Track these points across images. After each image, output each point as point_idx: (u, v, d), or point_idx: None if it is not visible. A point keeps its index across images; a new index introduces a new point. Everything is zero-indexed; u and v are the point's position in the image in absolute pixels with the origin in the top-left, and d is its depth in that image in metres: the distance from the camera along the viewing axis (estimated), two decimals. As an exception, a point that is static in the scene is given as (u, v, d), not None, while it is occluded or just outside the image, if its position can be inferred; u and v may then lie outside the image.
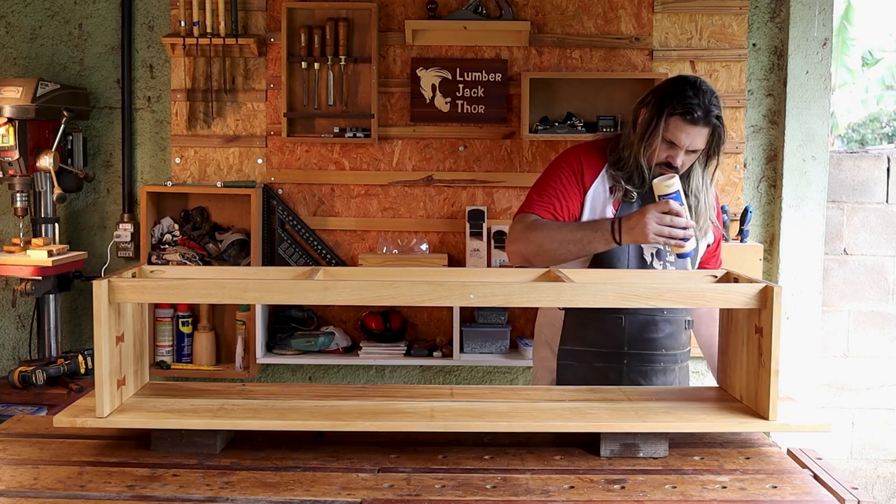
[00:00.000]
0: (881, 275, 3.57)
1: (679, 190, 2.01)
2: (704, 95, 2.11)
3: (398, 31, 3.39)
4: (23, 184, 3.17)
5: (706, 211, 2.21)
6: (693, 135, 2.11)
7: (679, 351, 2.27)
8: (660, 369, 2.23)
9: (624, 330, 2.20)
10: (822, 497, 1.47)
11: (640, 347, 2.21)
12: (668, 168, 2.16)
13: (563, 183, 2.22)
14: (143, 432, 1.65)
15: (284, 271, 1.96)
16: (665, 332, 2.22)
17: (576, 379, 2.23)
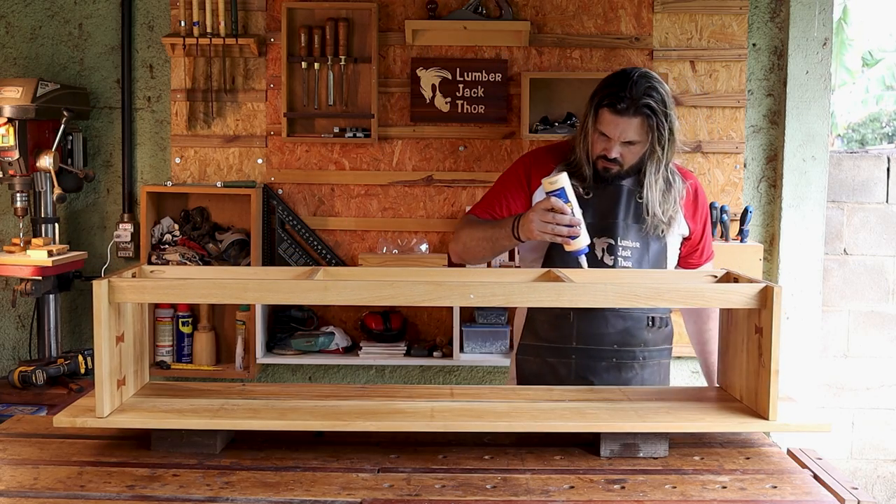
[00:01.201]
0: (881, 275, 3.57)
1: (564, 187, 2.00)
2: (636, 86, 2.10)
3: (398, 31, 3.39)
4: (23, 184, 3.17)
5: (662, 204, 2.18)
6: (622, 126, 2.11)
7: (638, 348, 2.20)
8: (612, 366, 2.18)
9: (572, 325, 2.19)
10: (822, 497, 1.47)
11: (587, 343, 2.18)
12: (606, 161, 2.15)
13: (506, 186, 2.28)
14: (143, 432, 1.65)
15: (284, 271, 1.96)
16: (616, 329, 2.18)
17: (530, 374, 2.25)
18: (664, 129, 2.12)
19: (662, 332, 2.24)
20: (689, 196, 2.28)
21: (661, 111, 2.10)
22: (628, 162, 2.16)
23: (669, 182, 2.21)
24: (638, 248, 2.18)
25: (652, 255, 2.19)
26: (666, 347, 2.27)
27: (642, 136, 2.12)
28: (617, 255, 2.17)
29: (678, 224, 2.24)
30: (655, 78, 2.15)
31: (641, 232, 2.19)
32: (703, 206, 2.31)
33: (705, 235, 2.33)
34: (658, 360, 2.25)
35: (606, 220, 2.18)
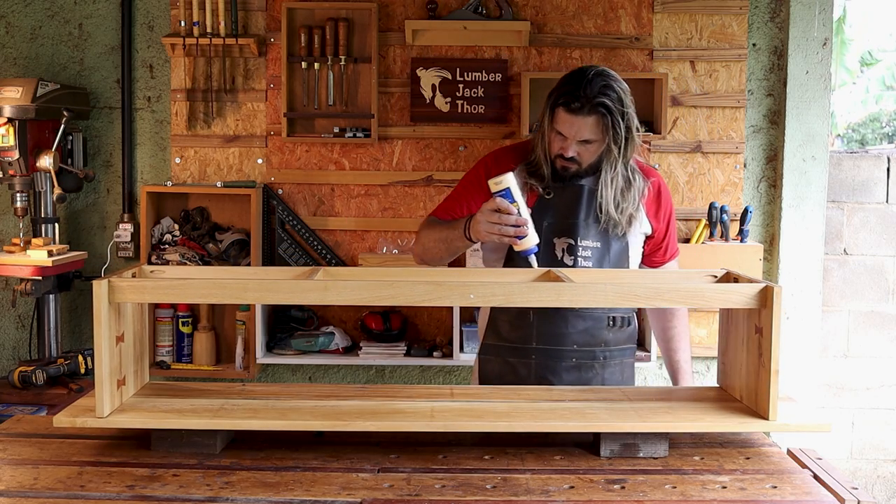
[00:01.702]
0: (881, 275, 3.57)
1: (510, 187, 1.99)
2: (590, 85, 2.09)
3: (398, 31, 3.39)
4: (23, 184, 3.17)
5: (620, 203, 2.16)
6: (577, 125, 2.10)
7: (599, 348, 2.18)
8: (572, 366, 2.17)
9: (532, 325, 2.18)
10: (822, 497, 1.47)
11: (547, 343, 2.18)
12: (564, 160, 2.14)
13: (466, 187, 2.29)
14: (143, 432, 1.65)
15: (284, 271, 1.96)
16: (576, 329, 2.16)
17: (492, 374, 2.25)
18: (620, 127, 2.10)
19: (625, 332, 2.22)
20: (652, 194, 2.25)
21: (618, 110, 2.09)
22: (586, 161, 2.15)
23: (629, 180, 2.18)
24: (598, 248, 2.16)
25: (613, 255, 2.17)
26: (629, 347, 2.25)
27: (598, 135, 2.11)
28: (577, 255, 2.15)
29: (639, 222, 2.21)
30: (612, 76, 2.13)
31: (602, 231, 2.17)
32: (667, 204, 2.28)
33: (669, 233, 2.30)
34: (620, 360, 2.23)
35: (567, 220, 2.16)
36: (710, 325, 3.40)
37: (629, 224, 2.19)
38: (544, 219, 2.16)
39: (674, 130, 3.42)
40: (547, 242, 2.16)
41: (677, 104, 3.41)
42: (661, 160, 3.42)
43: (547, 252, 2.15)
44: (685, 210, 3.43)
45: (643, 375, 3.50)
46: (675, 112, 3.41)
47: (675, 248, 2.34)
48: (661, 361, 3.47)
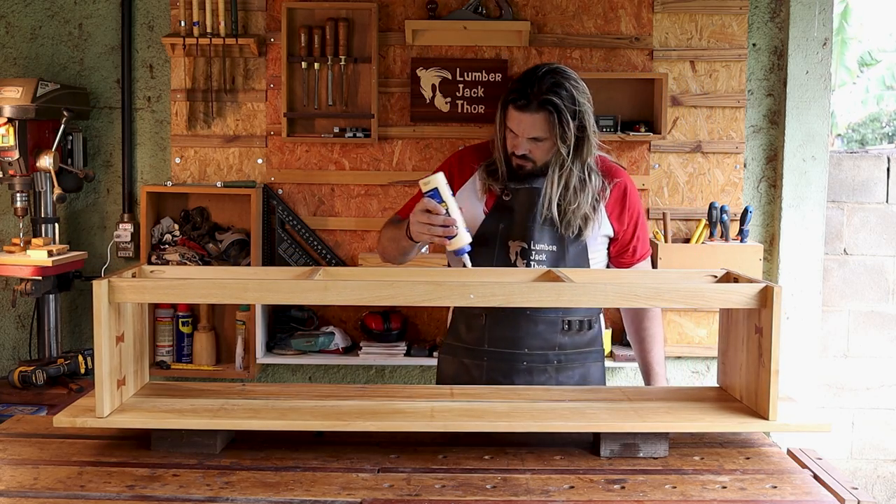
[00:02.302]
0: (881, 275, 3.57)
1: (437, 187, 2.00)
2: (540, 82, 2.08)
3: (398, 31, 3.39)
4: (23, 184, 3.17)
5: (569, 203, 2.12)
6: (526, 122, 2.09)
7: (552, 352, 2.15)
8: (522, 369, 2.15)
9: (484, 327, 2.18)
10: (822, 497, 1.47)
11: (497, 346, 2.17)
12: (517, 158, 2.14)
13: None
14: (143, 432, 1.65)
15: (284, 271, 1.96)
16: (527, 332, 2.14)
17: (448, 374, 2.26)
18: (569, 126, 2.07)
19: (586, 335, 2.19)
20: (615, 196, 2.19)
21: (568, 108, 2.06)
22: (539, 158, 2.13)
23: (584, 180, 2.14)
24: (554, 252, 2.13)
25: (570, 258, 2.13)
26: (591, 350, 2.21)
27: (547, 133, 2.09)
28: (530, 258, 2.13)
29: (598, 224, 2.16)
30: (565, 74, 2.12)
31: (557, 234, 2.13)
32: (633, 206, 2.22)
33: (637, 235, 2.23)
34: (582, 363, 2.19)
35: (521, 223, 2.14)
36: (710, 325, 3.40)
37: (585, 225, 2.14)
38: (500, 221, 2.16)
39: (674, 130, 3.42)
40: (502, 245, 2.15)
41: (677, 104, 3.41)
42: (661, 160, 3.42)
43: (502, 255, 2.15)
44: (685, 210, 3.43)
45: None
46: (675, 112, 3.41)
47: (645, 249, 2.27)
48: (661, 361, 3.47)
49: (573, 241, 2.14)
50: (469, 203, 2.20)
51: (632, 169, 3.41)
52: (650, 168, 3.42)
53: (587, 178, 2.14)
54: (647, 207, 3.43)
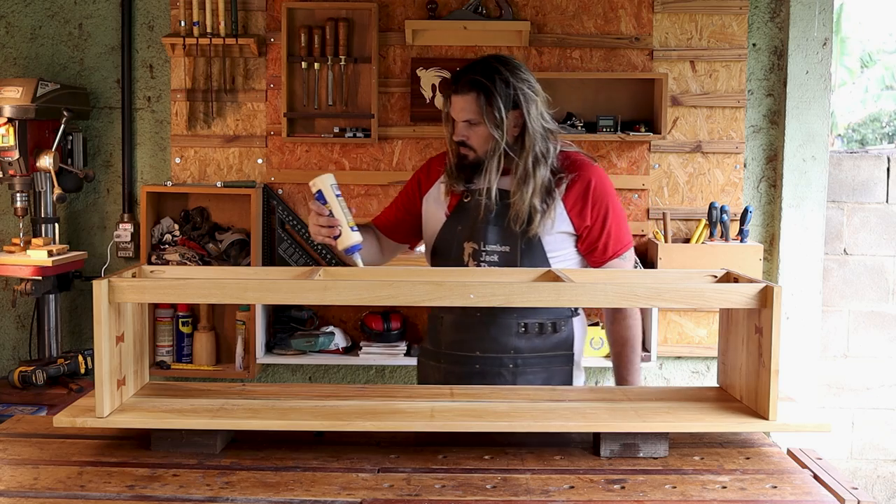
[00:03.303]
0: (881, 275, 3.57)
1: (322, 189, 2.02)
2: (474, 66, 2.10)
3: (398, 31, 3.39)
4: (23, 184, 3.17)
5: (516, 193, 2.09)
6: (458, 104, 2.10)
7: (507, 355, 2.12)
8: (475, 372, 2.12)
9: (441, 330, 2.19)
10: (822, 497, 1.47)
11: (452, 348, 2.17)
12: (460, 147, 2.13)
13: (405, 190, 2.32)
14: (143, 432, 1.65)
15: (284, 271, 1.96)
16: (479, 335, 2.12)
17: (421, 376, 2.29)
18: (499, 108, 2.05)
19: (549, 339, 2.14)
20: (576, 191, 2.13)
21: (501, 91, 2.05)
22: (478, 146, 2.11)
23: (528, 172, 2.08)
24: (507, 252, 2.11)
25: (524, 258, 2.10)
26: (556, 354, 2.15)
27: (478, 115, 2.08)
28: (481, 259, 2.12)
29: (552, 220, 2.11)
30: (505, 61, 2.12)
31: (510, 235, 2.10)
32: (600, 201, 2.13)
33: (607, 231, 2.15)
34: (545, 368, 2.14)
35: (475, 224, 2.13)
36: (710, 325, 3.40)
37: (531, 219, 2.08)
38: (459, 223, 2.16)
39: (674, 130, 3.42)
40: (458, 247, 2.15)
41: (677, 104, 3.41)
42: (661, 160, 3.42)
43: (457, 257, 2.15)
44: (685, 210, 3.43)
45: (643, 375, 3.49)
46: (675, 112, 3.41)
47: (619, 245, 2.17)
48: (662, 361, 3.48)
49: (526, 240, 2.10)
50: (434, 207, 2.22)
51: (631, 169, 3.41)
52: (650, 168, 3.42)
53: (532, 169, 2.09)
54: (647, 207, 3.43)
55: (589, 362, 3.33)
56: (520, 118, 2.10)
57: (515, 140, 2.11)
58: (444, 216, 2.19)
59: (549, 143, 2.13)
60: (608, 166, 3.41)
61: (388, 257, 2.37)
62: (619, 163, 3.41)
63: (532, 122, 2.09)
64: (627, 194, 3.42)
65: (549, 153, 2.13)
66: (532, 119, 2.09)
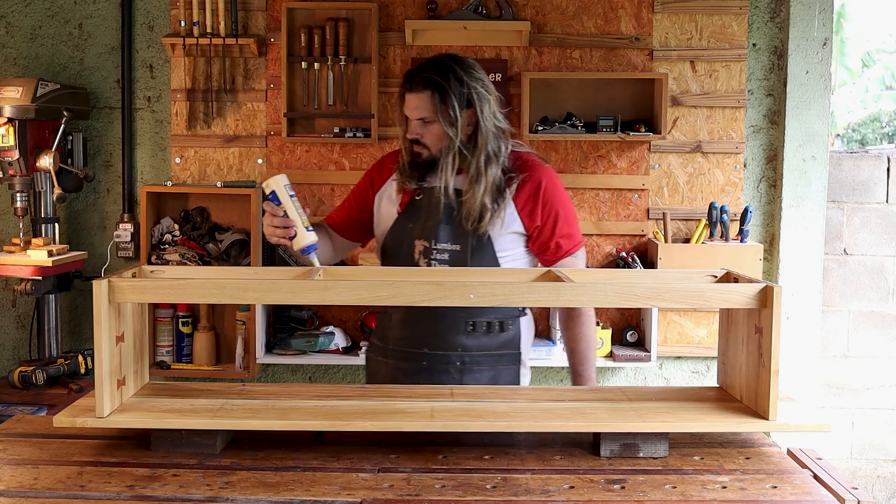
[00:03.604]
0: (881, 275, 3.57)
1: (275, 190, 2.03)
2: (429, 63, 2.11)
3: (398, 31, 3.39)
4: (23, 184, 3.17)
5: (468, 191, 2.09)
6: (412, 102, 2.11)
7: (454, 353, 2.13)
8: (423, 368, 2.14)
9: (389, 326, 2.20)
10: (822, 497, 1.47)
11: (399, 345, 2.19)
12: (414, 145, 2.14)
13: (357, 188, 2.32)
14: (143, 432, 1.65)
15: (284, 271, 1.96)
16: (428, 331, 2.14)
17: (368, 372, 2.31)
18: (452, 106, 2.06)
19: (496, 338, 2.16)
20: (526, 191, 2.14)
21: (454, 89, 2.06)
22: (432, 144, 2.12)
23: (480, 170, 2.09)
24: (457, 251, 2.12)
25: (474, 257, 2.11)
26: (503, 353, 2.17)
27: (432, 113, 2.09)
28: (432, 257, 2.13)
29: (502, 220, 2.12)
30: (460, 60, 2.13)
31: (461, 234, 2.11)
32: (550, 202, 2.15)
33: (557, 230, 2.16)
34: (492, 366, 2.16)
35: (426, 222, 2.14)
36: (710, 325, 3.40)
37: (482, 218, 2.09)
38: (410, 221, 2.17)
39: (674, 130, 3.42)
40: (409, 245, 2.16)
41: (677, 104, 3.41)
42: (661, 160, 3.42)
43: (408, 255, 2.16)
44: (685, 210, 3.43)
45: (643, 375, 3.50)
46: (675, 112, 3.41)
47: (571, 244, 2.19)
48: (662, 361, 3.48)
49: (477, 239, 2.11)
50: (386, 204, 2.23)
51: (631, 169, 3.41)
52: (650, 168, 3.42)
53: (484, 168, 2.10)
54: (647, 207, 3.43)
55: (589, 362, 3.34)
56: (473, 117, 2.12)
57: (469, 138, 2.13)
58: (395, 214, 2.21)
59: (501, 143, 2.15)
60: (608, 166, 3.41)
61: (341, 255, 2.38)
62: (619, 163, 3.41)
63: (485, 120, 2.11)
64: (627, 194, 3.42)
65: (501, 152, 2.15)
66: (485, 118, 2.11)
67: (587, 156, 3.42)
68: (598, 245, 3.45)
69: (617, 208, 3.43)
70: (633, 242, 3.45)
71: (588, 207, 3.44)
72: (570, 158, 3.42)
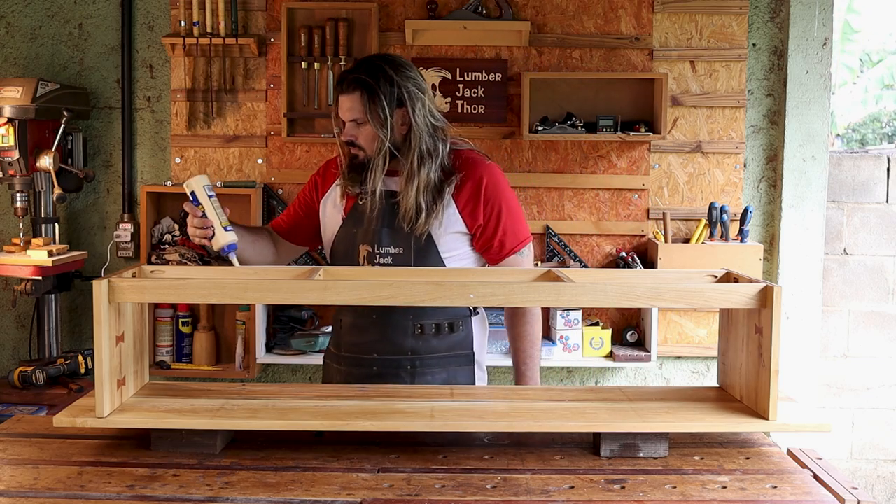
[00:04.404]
0: (881, 275, 3.57)
1: (194, 190, 2.04)
2: (360, 64, 2.11)
3: (398, 31, 3.39)
4: (23, 184, 3.17)
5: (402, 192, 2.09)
6: (344, 104, 2.10)
7: (404, 357, 2.13)
8: (374, 374, 2.13)
9: (341, 332, 2.21)
10: (822, 497, 1.47)
11: (350, 351, 2.19)
12: (350, 146, 2.14)
13: (302, 193, 2.32)
14: (143, 432, 1.65)
15: (284, 271, 1.96)
16: (376, 337, 2.14)
17: (325, 378, 2.30)
18: (382, 107, 2.06)
19: (446, 340, 2.15)
20: (468, 190, 2.12)
21: (384, 89, 2.06)
22: (366, 145, 2.11)
23: (413, 170, 2.08)
24: (401, 254, 2.11)
25: (418, 259, 2.10)
26: (455, 355, 2.17)
27: (363, 114, 2.08)
28: (376, 262, 2.13)
29: (440, 221, 2.10)
30: (391, 60, 2.13)
31: (402, 236, 2.11)
32: (492, 200, 2.13)
33: (501, 228, 2.14)
34: (444, 368, 2.15)
35: (369, 226, 2.13)
36: (710, 325, 3.40)
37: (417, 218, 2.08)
38: (354, 226, 2.17)
39: (674, 130, 3.42)
40: (354, 249, 2.16)
41: (677, 104, 3.41)
42: (661, 160, 3.42)
43: (353, 260, 2.16)
44: (685, 210, 3.43)
45: (643, 375, 3.50)
46: (675, 112, 3.41)
47: (516, 241, 2.17)
48: (662, 361, 3.48)
49: (418, 240, 2.10)
50: (331, 210, 2.23)
51: (631, 169, 3.41)
52: (650, 168, 3.42)
53: (418, 168, 2.09)
54: (647, 207, 3.43)
55: (589, 362, 3.34)
56: (406, 116, 2.11)
57: (403, 139, 2.12)
58: (340, 219, 2.20)
59: (438, 142, 2.13)
60: (608, 166, 3.41)
61: (287, 259, 2.37)
62: (619, 163, 3.41)
63: (417, 119, 2.10)
64: (627, 194, 3.43)
65: (438, 151, 2.12)
66: (417, 117, 2.10)
67: (587, 156, 3.42)
68: (598, 245, 3.45)
69: (617, 208, 3.43)
70: (633, 242, 3.45)
71: (588, 207, 3.44)
72: (570, 158, 3.42)
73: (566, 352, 3.32)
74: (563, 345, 3.32)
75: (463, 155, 2.17)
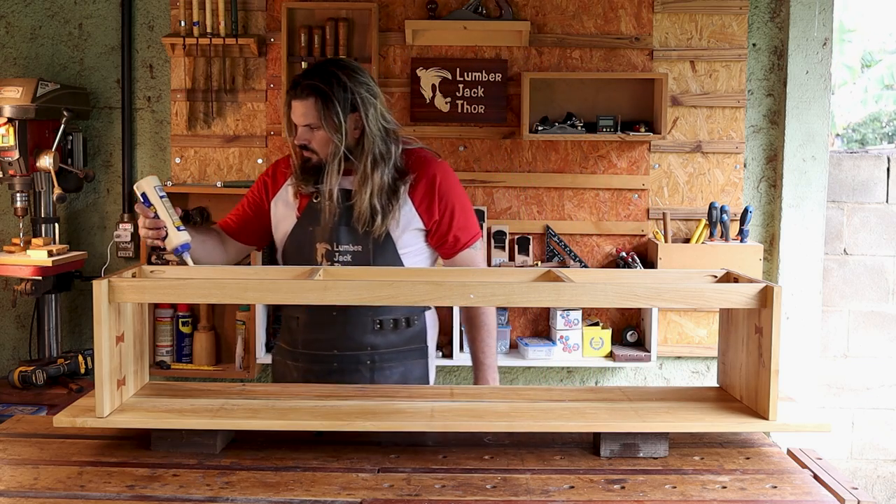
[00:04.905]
0: (881, 275, 3.57)
1: (145, 191, 2.04)
2: (313, 70, 2.13)
3: (398, 31, 3.39)
4: (23, 184, 3.17)
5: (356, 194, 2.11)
6: (298, 109, 2.12)
7: (364, 352, 2.16)
8: (334, 370, 2.16)
9: (298, 329, 2.21)
10: (822, 497, 1.47)
11: (309, 347, 2.20)
12: (303, 149, 2.15)
13: (251, 193, 2.32)
14: (143, 432, 1.65)
15: (284, 271, 1.96)
16: (336, 333, 2.16)
17: (276, 375, 2.31)
18: (336, 113, 2.08)
19: (403, 334, 2.19)
20: (422, 188, 2.17)
21: (338, 95, 2.08)
22: (320, 149, 2.14)
23: (367, 173, 2.11)
24: (360, 252, 2.14)
25: (376, 257, 2.14)
26: (413, 348, 2.21)
27: (318, 119, 2.10)
28: (335, 259, 2.15)
29: (398, 220, 2.14)
30: (341, 64, 2.15)
31: (362, 234, 2.13)
32: (446, 196, 2.18)
33: (455, 223, 2.19)
34: (401, 362, 2.20)
35: (327, 225, 2.15)
36: (710, 325, 3.40)
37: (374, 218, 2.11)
38: (310, 224, 2.18)
39: (674, 130, 3.42)
40: (311, 247, 2.17)
41: (677, 104, 3.41)
42: (660, 160, 3.42)
43: (310, 256, 2.17)
44: (685, 210, 3.43)
45: (643, 375, 3.50)
46: (675, 112, 3.41)
47: (469, 236, 2.22)
48: (662, 361, 3.48)
49: (376, 238, 2.13)
50: (283, 209, 2.24)
51: (631, 169, 3.41)
52: (650, 168, 3.42)
53: (371, 170, 2.12)
54: (647, 207, 3.43)
55: (589, 362, 3.34)
56: (359, 121, 2.14)
57: (357, 142, 2.14)
58: (294, 218, 2.21)
59: (391, 144, 2.17)
60: (608, 166, 3.41)
61: (235, 258, 2.38)
62: (619, 163, 3.41)
63: (370, 124, 2.13)
64: (627, 194, 3.43)
65: (391, 153, 2.16)
66: (370, 121, 2.13)
67: (587, 156, 3.42)
68: (598, 245, 3.45)
69: (617, 208, 3.43)
70: (633, 242, 3.45)
71: (588, 207, 3.44)
72: (570, 158, 3.42)
73: (566, 352, 3.32)
74: (563, 345, 3.32)
75: (415, 154, 2.22)
